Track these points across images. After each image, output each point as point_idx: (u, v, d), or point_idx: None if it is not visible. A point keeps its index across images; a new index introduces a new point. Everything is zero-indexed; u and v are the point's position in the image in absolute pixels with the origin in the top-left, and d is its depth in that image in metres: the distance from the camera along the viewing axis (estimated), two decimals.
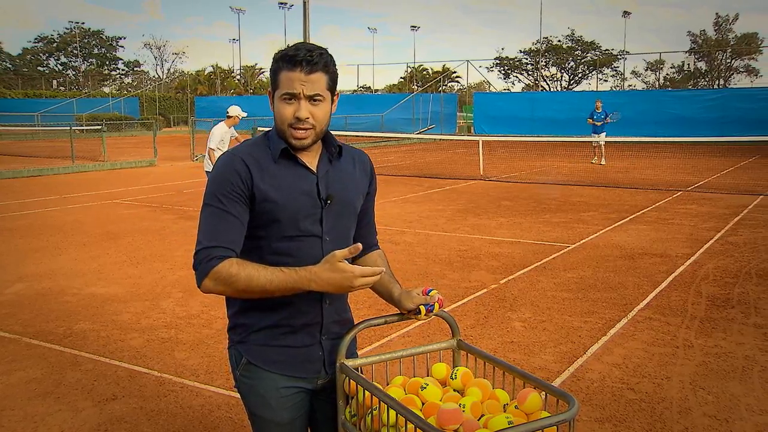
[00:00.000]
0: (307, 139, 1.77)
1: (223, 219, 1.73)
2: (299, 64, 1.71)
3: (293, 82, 1.72)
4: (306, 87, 1.72)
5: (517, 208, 10.59)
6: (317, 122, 1.76)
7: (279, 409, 1.86)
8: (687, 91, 37.51)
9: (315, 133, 1.78)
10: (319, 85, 1.74)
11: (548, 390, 1.64)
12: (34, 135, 31.49)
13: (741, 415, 3.51)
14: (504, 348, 4.53)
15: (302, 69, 1.71)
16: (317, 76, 1.73)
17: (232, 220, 1.73)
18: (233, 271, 1.68)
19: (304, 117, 1.73)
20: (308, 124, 1.74)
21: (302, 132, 1.75)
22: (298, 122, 1.74)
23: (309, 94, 1.73)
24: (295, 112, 1.73)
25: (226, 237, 1.72)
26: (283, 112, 1.75)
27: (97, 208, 10.86)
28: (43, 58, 68.81)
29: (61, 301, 5.65)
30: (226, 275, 1.68)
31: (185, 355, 4.43)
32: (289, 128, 1.75)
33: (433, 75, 60.24)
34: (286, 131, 1.76)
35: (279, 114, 1.76)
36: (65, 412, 3.62)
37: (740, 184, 13.75)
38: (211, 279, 1.69)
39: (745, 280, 6.15)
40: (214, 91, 59.28)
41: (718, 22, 57.00)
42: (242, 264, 1.69)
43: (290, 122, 1.74)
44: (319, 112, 1.76)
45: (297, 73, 1.71)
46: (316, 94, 1.73)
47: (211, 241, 1.72)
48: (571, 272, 6.53)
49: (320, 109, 1.76)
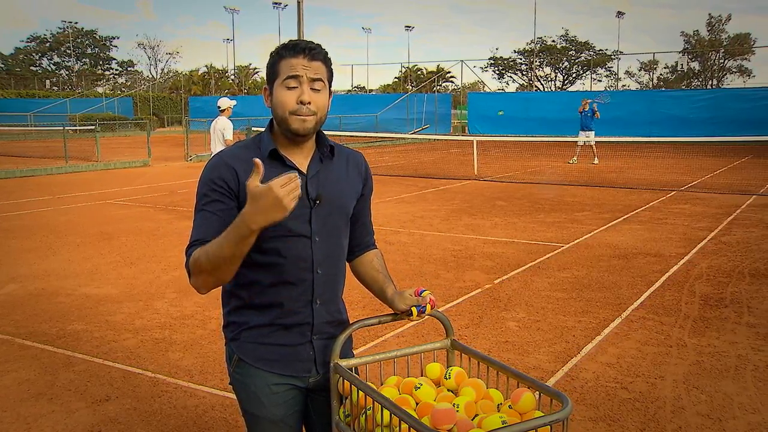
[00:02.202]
0: (309, 124, 1.75)
1: (208, 219, 1.74)
2: (302, 51, 1.73)
3: (296, 67, 1.72)
4: (308, 71, 1.73)
5: (511, 208, 10.60)
6: (318, 109, 1.76)
7: (271, 406, 1.86)
8: (680, 92, 37.66)
9: (316, 120, 1.77)
10: (321, 72, 1.75)
11: (542, 390, 1.64)
12: (27, 135, 31.34)
13: (734, 414, 3.53)
14: (498, 348, 4.53)
15: (305, 55, 1.73)
16: (318, 65, 1.75)
17: (214, 219, 1.74)
18: (196, 255, 1.68)
19: (307, 101, 1.72)
20: (310, 110, 1.74)
21: (305, 116, 1.73)
22: (300, 107, 1.73)
23: (312, 77, 1.73)
24: (299, 97, 1.72)
25: (205, 235, 1.72)
26: (285, 99, 1.73)
27: (90, 209, 10.82)
28: (36, 57, 68.48)
29: (55, 302, 5.63)
30: (194, 263, 1.69)
31: (179, 356, 4.42)
32: (291, 115, 1.74)
33: (427, 75, 60.24)
34: (288, 119, 1.74)
35: (280, 101, 1.74)
36: (58, 413, 3.60)
37: (733, 183, 13.80)
38: (191, 274, 1.72)
39: (738, 280, 6.17)
40: (208, 91, 59.15)
41: (711, 22, 57.27)
42: (202, 247, 1.68)
43: (292, 109, 1.73)
44: (320, 99, 1.76)
45: (299, 59, 1.73)
46: (318, 78, 1.74)
47: (195, 240, 1.73)
48: (566, 272, 6.54)
49: (320, 96, 1.76)
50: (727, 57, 55.90)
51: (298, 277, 1.81)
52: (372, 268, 2.03)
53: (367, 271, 2.03)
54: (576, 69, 59.34)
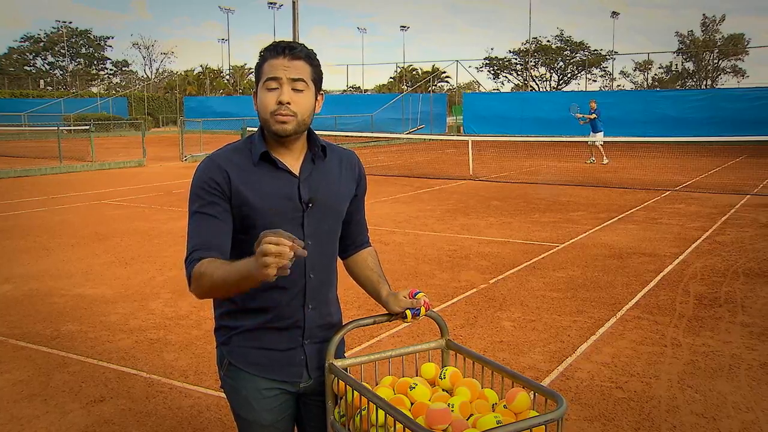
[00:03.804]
0: (289, 125, 1.73)
1: (204, 222, 1.74)
2: (282, 51, 1.73)
3: (276, 68, 1.72)
4: (288, 71, 1.72)
5: (506, 208, 10.61)
6: (299, 110, 1.73)
7: (261, 411, 1.85)
8: (675, 92, 37.77)
9: (297, 122, 1.74)
10: (302, 72, 1.74)
11: (537, 389, 1.65)
12: (21, 135, 31.19)
13: (728, 413, 3.54)
14: (493, 347, 4.54)
15: (285, 55, 1.73)
16: (300, 64, 1.74)
17: (212, 222, 1.73)
18: (201, 270, 1.66)
19: (285, 101, 1.71)
20: (290, 110, 1.72)
21: (283, 117, 1.72)
22: (279, 107, 1.71)
23: (291, 77, 1.72)
24: (278, 97, 1.71)
25: (206, 239, 1.72)
26: (265, 101, 1.73)
27: (85, 209, 10.78)
28: (30, 57, 68.16)
29: (49, 302, 5.61)
30: (197, 276, 1.68)
31: (174, 356, 4.41)
32: (272, 116, 1.73)
33: (422, 75, 60.30)
34: (269, 120, 1.74)
35: (262, 103, 1.74)
36: (52, 414, 3.59)
37: (727, 183, 13.85)
38: (192, 284, 1.71)
39: (732, 279, 6.20)
40: (203, 91, 59.05)
41: (705, 23, 57.39)
42: (210, 263, 1.66)
43: (272, 110, 1.72)
44: (302, 99, 1.74)
45: (280, 60, 1.72)
46: (298, 79, 1.72)
47: (193, 246, 1.73)
48: (561, 272, 6.55)
49: (303, 97, 1.74)
50: (721, 57, 56.06)
51: (291, 282, 1.78)
52: (366, 267, 2.02)
53: (361, 270, 2.02)
54: (571, 69, 59.41)
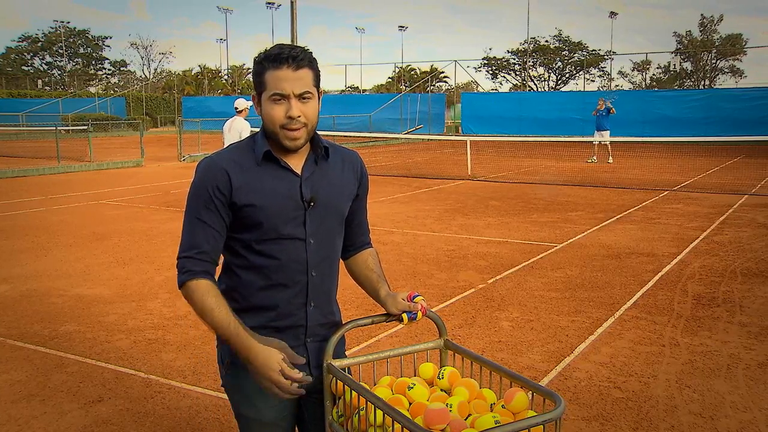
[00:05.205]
0: (301, 139, 1.75)
1: (199, 228, 1.75)
2: (285, 61, 1.70)
3: (281, 81, 1.70)
4: (295, 85, 1.70)
5: (504, 208, 10.62)
6: (308, 120, 1.75)
7: (263, 409, 1.85)
8: (673, 92, 37.79)
9: (307, 131, 1.76)
10: (307, 82, 1.73)
11: (535, 389, 1.65)
12: (18, 135, 31.18)
13: (726, 413, 3.54)
14: (491, 347, 4.54)
15: (289, 66, 1.70)
16: (304, 72, 1.72)
17: (208, 230, 1.75)
18: (195, 297, 1.73)
19: (296, 115, 1.71)
20: (300, 122, 1.73)
21: (295, 132, 1.73)
22: (290, 122, 1.72)
23: (298, 93, 1.71)
24: (287, 112, 1.71)
25: (202, 247, 1.75)
26: (274, 114, 1.72)
27: (83, 209, 10.77)
28: (28, 57, 68.07)
29: (47, 303, 5.60)
30: (188, 296, 1.74)
31: (172, 356, 4.40)
32: (282, 129, 1.73)
33: (421, 75, 60.24)
34: (279, 133, 1.74)
35: (269, 116, 1.74)
36: (50, 414, 3.59)
37: (725, 183, 13.86)
38: (183, 293, 1.76)
39: (730, 279, 6.20)
40: (201, 91, 59.00)
41: (704, 23, 57.42)
42: (207, 293, 1.72)
43: (282, 123, 1.72)
44: (309, 109, 1.75)
45: (284, 71, 1.70)
46: (305, 92, 1.72)
47: (188, 250, 1.75)
48: (559, 272, 6.56)
49: (310, 106, 1.75)
50: (719, 57, 56.11)
51: (293, 280, 1.80)
52: (366, 268, 2.02)
53: (361, 271, 2.03)
54: (569, 69, 59.46)
